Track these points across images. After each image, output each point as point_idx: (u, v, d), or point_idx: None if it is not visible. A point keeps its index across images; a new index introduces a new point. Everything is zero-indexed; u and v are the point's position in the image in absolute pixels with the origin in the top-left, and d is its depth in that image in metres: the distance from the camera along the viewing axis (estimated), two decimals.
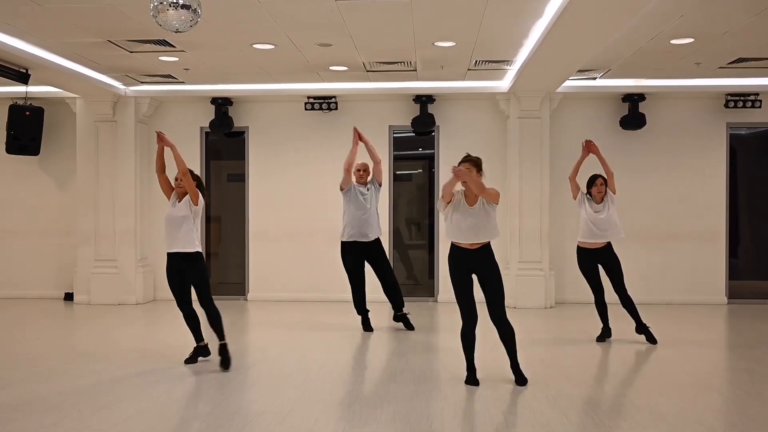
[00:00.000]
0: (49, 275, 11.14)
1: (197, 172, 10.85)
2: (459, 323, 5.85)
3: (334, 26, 7.09)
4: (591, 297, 7.64)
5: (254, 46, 7.93)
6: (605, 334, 7.60)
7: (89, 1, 6.33)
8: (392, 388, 5.72)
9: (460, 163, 5.76)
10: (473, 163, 5.76)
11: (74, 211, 10.80)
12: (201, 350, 6.56)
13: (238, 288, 11.12)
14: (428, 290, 11.03)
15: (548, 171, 10.29)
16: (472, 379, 5.77)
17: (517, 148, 10.28)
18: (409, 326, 8.31)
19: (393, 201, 10.92)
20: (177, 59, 8.62)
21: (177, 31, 4.81)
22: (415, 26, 7.11)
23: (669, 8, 6.46)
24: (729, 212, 10.65)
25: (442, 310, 10.00)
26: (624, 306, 7.44)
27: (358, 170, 8.14)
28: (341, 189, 8.10)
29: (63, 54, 8.38)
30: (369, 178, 8.20)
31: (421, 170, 11.33)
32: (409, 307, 10.09)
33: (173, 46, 7.98)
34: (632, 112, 10.31)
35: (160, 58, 8.54)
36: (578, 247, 7.60)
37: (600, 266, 7.53)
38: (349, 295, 10.23)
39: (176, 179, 6.49)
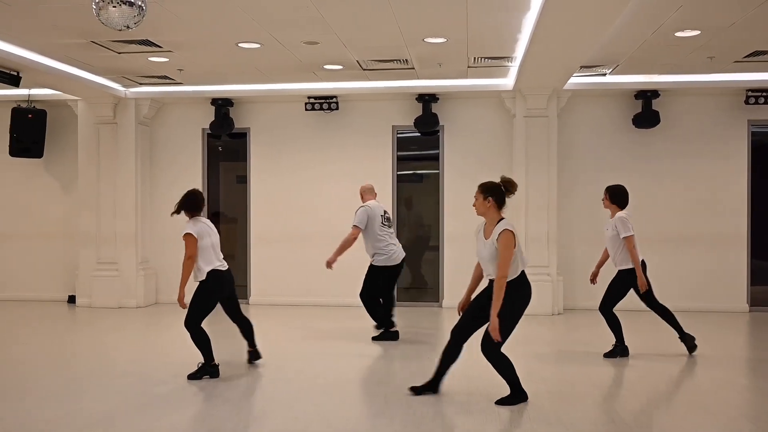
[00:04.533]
0: (53, 277, 11.14)
1: (199, 174, 10.84)
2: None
3: (313, 22, 6.83)
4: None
5: (239, 45, 7.72)
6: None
7: (57, 1, 6.18)
8: (380, 403, 5.45)
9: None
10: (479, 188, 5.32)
11: (77, 214, 10.78)
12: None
13: (241, 291, 10.94)
14: (434, 295, 10.69)
15: (556, 172, 9.87)
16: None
17: (523, 148, 9.87)
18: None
19: (397, 203, 10.62)
20: (167, 60, 8.46)
21: (126, 28, 4.60)
22: (399, 21, 6.80)
23: None
24: (751, 214, 10.08)
25: (447, 317, 9.66)
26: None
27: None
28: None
29: (52, 56, 8.29)
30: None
31: (438, 170, 10.91)
32: (415, 312, 9.85)
33: (159, 47, 7.83)
34: (645, 110, 9.82)
35: (149, 58, 8.39)
36: None
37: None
38: (350, 300, 10.09)
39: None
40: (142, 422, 4.91)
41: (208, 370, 6.13)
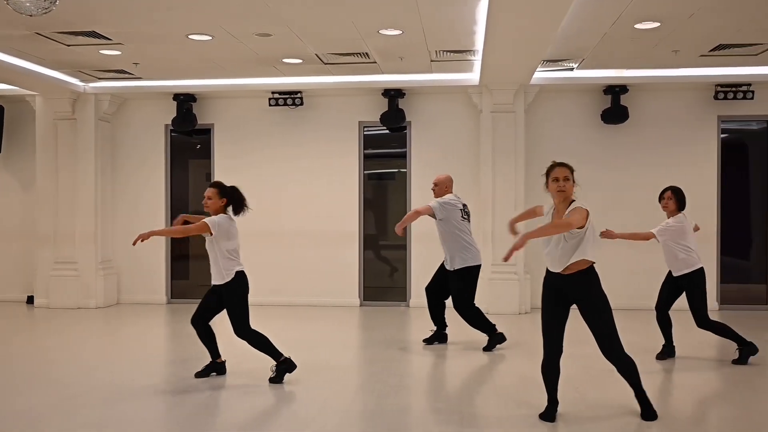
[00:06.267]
0: (12, 277, 10.89)
1: (162, 172, 10.61)
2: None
3: (262, 14, 6.62)
4: None
5: (190, 37, 7.50)
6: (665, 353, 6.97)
7: None
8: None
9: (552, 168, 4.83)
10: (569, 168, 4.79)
11: (36, 212, 10.52)
12: (215, 366, 6.16)
13: (203, 292, 10.71)
14: (401, 294, 10.49)
15: (523, 168, 9.69)
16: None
17: (490, 144, 9.69)
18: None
19: (364, 200, 10.43)
20: (119, 53, 8.23)
21: (44, 11, 4.37)
22: (350, 12, 6.61)
23: None
24: (721, 210, 9.93)
25: (415, 316, 9.48)
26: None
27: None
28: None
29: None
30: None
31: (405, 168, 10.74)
32: (381, 312, 9.68)
33: (108, 39, 7.60)
34: (614, 105, 9.67)
35: (101, 51, 8.16)
36: None
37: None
38: (314, 299, 9.81)
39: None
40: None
41: (282, 368, 5.89)
